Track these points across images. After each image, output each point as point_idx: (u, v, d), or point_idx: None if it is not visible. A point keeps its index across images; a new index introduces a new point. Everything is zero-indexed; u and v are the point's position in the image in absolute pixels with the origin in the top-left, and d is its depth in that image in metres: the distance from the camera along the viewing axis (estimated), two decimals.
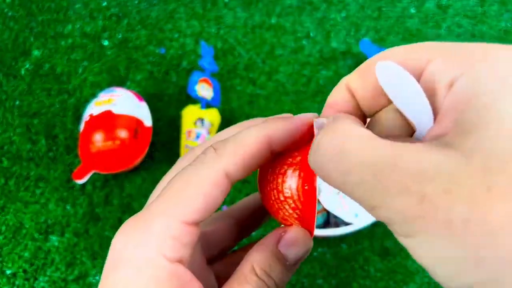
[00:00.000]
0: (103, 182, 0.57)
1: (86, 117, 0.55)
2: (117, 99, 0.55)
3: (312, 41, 0.67)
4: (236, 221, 0.24)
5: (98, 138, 0.53)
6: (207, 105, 0.58)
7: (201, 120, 0.57)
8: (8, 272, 0.53)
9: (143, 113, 0.57)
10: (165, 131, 0.60)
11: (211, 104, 0.59)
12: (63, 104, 0.63)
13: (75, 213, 0.56)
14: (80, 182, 0.55)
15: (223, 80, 0.64)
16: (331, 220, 0.52)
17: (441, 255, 0.12)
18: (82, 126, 0.55)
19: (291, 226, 0.19)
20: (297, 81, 0.64)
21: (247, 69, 0.65)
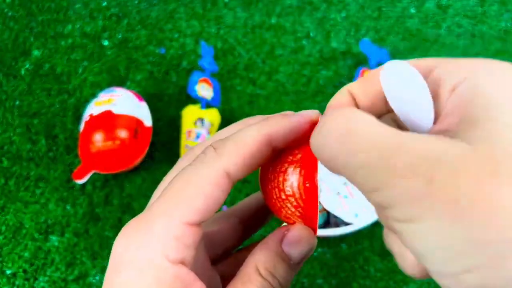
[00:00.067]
0: (103, 182, 0.57)
1: (86, 117, 0.55)
2: (117, 99, 0.55)
3: (312, 41, 0.67)
4: (240, 220, 0.23)
5: (98, 138, 0.53)
6: (207, 105, 0.58)
7: (201, 120, 0.57)
8: (8, 272, 0.53)
9: (143, 113, 0.57)
10: (165, 131, 0.60)
11: (211, 104, 0.59)
12: (63, 104, 0.63)
13: (75, 213, 0.56)
14: (80, 182, 0.55)
15: (223, 80, 0.64)
16: (331, 220, 0.52)
17: (443, 237, 0.12)
18: (82, 126, 0.55)
19: (294, 224, 0.19)
20: (297, 81, 0.64)
21: (247, 69, 0.65)
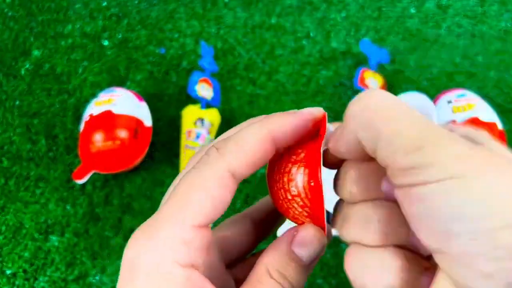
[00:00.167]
0: (103, 182, 0.57)
1: (86, 117, 0.55)
2: (117, 99, 0.55)
3: (312, 41, 0.67)
4: (253, 223, 0.23)
5: (98, 138, 0.53)
6: (207, 105, 0.58)
7: (201, 120, 0.57)
8: (8, 272, 0.53)
9: (143, 113, 0.57)
10: (165, 131, 0.60)
11: (211, 104, 0.59)
12: (63, 104, 0.63)
13: (75, 213, 0.56)
14: (80, 182, 0.55)
15: (223, 80, 0.64)
16: (331, 220, 0.52)
17: (485, 191, 0.13)
18: (82, 126, 0.55)
19: (302, 224, 0.19)
20: (297, 81, 0.64)
21: (247, 69, 0.65)
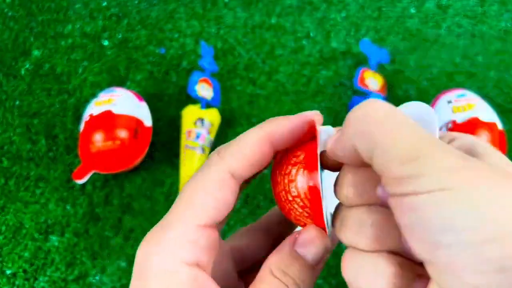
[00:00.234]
0: (103, 182, 0.57)
1: (86, 117, 0.55)
2: (117, 99, 0.55)
3: (312, 41, 0.67)
4: (266, 232, 0.24)
5: (98, 138, 0.53)
6: (207, 105, 0.58)
7: (201, 120, 0.57)
8: (8, 272, 0.53)
9: (143, 113, 0.57)
10: (165, 131, 0.60)
11: (211, 104, 0.59)
12: (63, 104, 0.63)
13: (75, 213, 0.56)
14: (80, 182, 0.55)
15: (223, 80, 0.64)
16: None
17: (472, 204, 0.12)
18: (82, 126, 0.55)
19: (305, 226, 0.19)
20: (297, 81, 0.64)
21: (247, 69, 0.65)
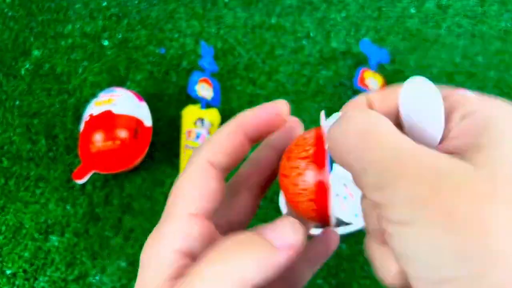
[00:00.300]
0: (103, 182, 0.57)
1: (86, 117, 0.55)
2: (117, 99, 0.55)
3: (312, 41, 0.67)
4: (249, 190, 0.23)
5: (98, 138, 0.53)
6: (207, 105, 0.58)
7: (201, 120, 0.57)
8: (8, 272, 0.53)
9: (143, 113, 0.57)
10: (165, 131, 0.60)
11: (211, 104, 0.59)
12: (63, 104, 0.63)
13: (75, 213, 0.56)
14: (80, 182, 0.55)
15: (223, 80, 0.64)
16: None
17: (432, 245, 0.13)
18: (82, 126, 0.55)
19: (311, 219, 0.20)
20: (297, 81, 0.64)
21: (247, 69, 0.65)
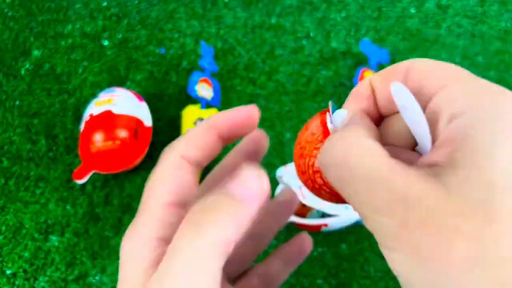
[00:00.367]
0: (103, 182, 0.57)
1: (86, 117, 0.55)
2: (117, 99, 0.55)
3: (312, 41, 0.67)
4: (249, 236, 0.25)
5: (98, 138, 0.53)
6: (207, 105, 0.58)
7: (201, 120, 0.57)
8: (8, 272, 0.53)
9: (143, 113, 0.57)
10: (165, 131, 0.60)
11: (211, 104, 0.59)
12: (63, 104, 0.63)
13: (75, 213, 0.56)
14: (80, 182, 0.55)
15: (223, 80, 0.64)
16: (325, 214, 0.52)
17: (406, 273, 0.14)
18: (82, 126, 0.55)
19: (324, 198, 0.21)
20: (297, 81, 0.64)
21: (247, 69, 0.65)
